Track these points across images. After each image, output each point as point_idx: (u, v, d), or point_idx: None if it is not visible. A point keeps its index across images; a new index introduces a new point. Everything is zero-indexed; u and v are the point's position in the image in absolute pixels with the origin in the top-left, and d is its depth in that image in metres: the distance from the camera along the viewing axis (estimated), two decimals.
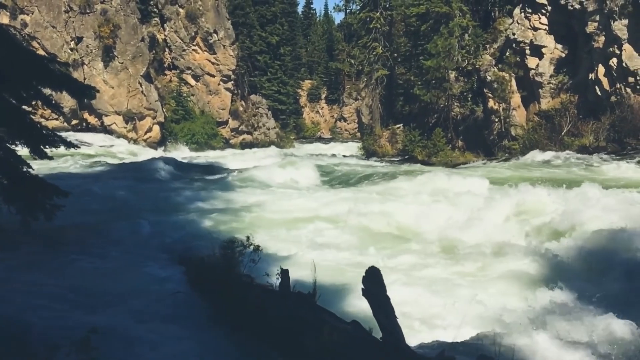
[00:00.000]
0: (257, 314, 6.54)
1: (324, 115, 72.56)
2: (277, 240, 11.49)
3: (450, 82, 34.00)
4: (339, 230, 12.62)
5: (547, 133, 29.59)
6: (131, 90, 38.87)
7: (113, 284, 8.11)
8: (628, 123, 26.65)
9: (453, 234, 11.90)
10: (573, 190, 13.55)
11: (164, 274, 8.89)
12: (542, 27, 31.93)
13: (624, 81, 27.69)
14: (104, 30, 38.03)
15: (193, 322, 6.97)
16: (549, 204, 12.87)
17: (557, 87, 30.98)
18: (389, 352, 5.36)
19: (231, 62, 45.30)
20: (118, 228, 12.08)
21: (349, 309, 7.76)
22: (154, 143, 39.46)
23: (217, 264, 7.62)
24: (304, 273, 7.65)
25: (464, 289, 8.76)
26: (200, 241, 10.57)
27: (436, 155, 32.47)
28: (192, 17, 43.92)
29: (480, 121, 34.10)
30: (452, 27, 33.32)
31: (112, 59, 38.73)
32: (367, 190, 17.81)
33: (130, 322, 6.56)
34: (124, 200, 15.54)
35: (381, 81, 41.93)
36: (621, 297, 7.99)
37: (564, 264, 9.89)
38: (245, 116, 48.38)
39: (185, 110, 43.24)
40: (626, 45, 27.50)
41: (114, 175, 21.12)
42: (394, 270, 9.72)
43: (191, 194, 17.19)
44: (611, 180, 17.40)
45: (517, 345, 5.97)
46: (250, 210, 14.66)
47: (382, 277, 5.48)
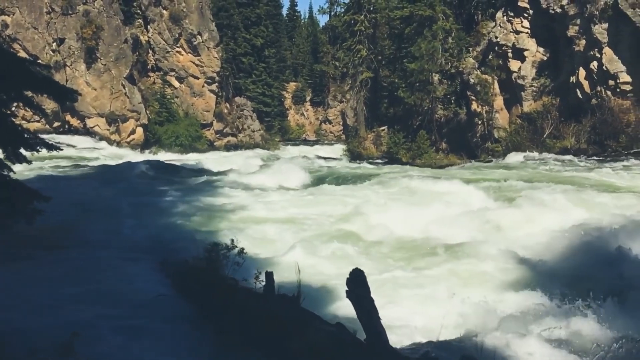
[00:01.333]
0: (241, 316, 6.54)
1: (309, 117, 72.60)
2: (262, 242, 11.48)
3: (434, 84, 34.24)
4: (324, 233, 12.63)
5: (529, 135, 29.95)
6: (114, 92, 38.56)
7: (94, 287, 8.04)
8: (608, 125, 27.06)
9: (429, 235, 11.99)
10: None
11: (147, 276, 8.83)
12: (524, 31, 32.31)
13: (605, 84, 28.11)
14: (87, 32, 37.69)
15: (177, 324, 6.93)
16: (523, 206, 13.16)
17: (539, 90, 31.36)
18: (373, 353, 5.39)
19: (215, 64, 45.13)
20: (100, 230, 11.97)
21: (334, 311, 7.79)
22: (137, 145, 39.15)
23: (202, 267, 7.60)
24: (289, 275, 7.67)
25: (444, 290, 8.82)
26: (184, 244, 10.53)
27: (420, 157, 32.66)
28: (175, 19, 43.69)
29: (464, 123, 34.38)
30: (436, 30, 33.57)
31: (94, 61, 38.39)
32: (352, 192, 17.86)
33: (113, 325, 6.51)
34: (106, 203, 15.40)
35: (366, 83, 42.06)
36: (599, 296, 8.10)
37: (543, 264, 10.03)
38: (229, 118, 48.21)
39: (169, 112, 42.96)
40: (606, 49, 27.93)
41: (96, 177, 20.93)
42: (376, 272, 9.76)
43: (175, 196, 17.09)
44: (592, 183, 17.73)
45: (498, 344, 6.04)
46: (234, 213, 14.62)
47: (366, 279, 5.52)
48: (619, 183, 17.82)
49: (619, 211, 12.55)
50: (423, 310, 8.01)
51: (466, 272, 10.01)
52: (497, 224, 12.47)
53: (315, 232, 12.73)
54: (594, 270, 9.38)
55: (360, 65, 41.64)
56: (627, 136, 26.50)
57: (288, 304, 6.57)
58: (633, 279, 8.92)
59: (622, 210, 12.70)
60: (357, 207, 14.68)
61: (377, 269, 10.10)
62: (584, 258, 9.96)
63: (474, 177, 20.18)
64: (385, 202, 15.48)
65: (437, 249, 11.28)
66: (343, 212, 14.19)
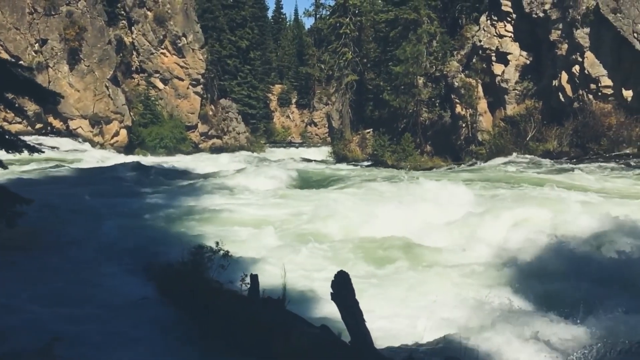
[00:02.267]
0: (226, 319, 6.52)
1: (295, 119, 72.60)
2: (247, 245, 11.44)
3: (419, 87, 34.44)
4: (309, 235, 12.62)
5: (513, 138, 30.24)
6: (97, 94, 38.22)
7: (77, 290, 7.97)
8: (590, 129, 27.44)
9: (411, 238, 12.05)
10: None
11: (131, 280, 8.76)
12: (507, 35, 32.65)
13: (586, 88, 28.50)
14: (70, 33, 37.33)
15: (161, 328, 6.89)
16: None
17: (522, 93, 31.69)
18: (357, 355, 5.40)
19: (200, 66, 44.96)
20: (82, 234, 11.84)
21: (319, 313, 7.79)
22: (121, 147, 38.85)
23: (186, 270, 7.56)
24: (274, 278, 7.66)
25: (428, 291, 8.87)
26: (168, 247, 10.45)
27: (405, 159, 32.80)
28: (160, 20, 43.46)
29: (448, 126, 34.62)
30: (421, 34, 33.80)
31: (77, 62, 38.03)
32: (336, 193, 17.88)
33: (96, 328, 6.45)
34: (89, 206, 15.24)
35: (351, 86, 42.17)
36: (579, 297, 8.21)
37: (523, 265, 10.14)
38: (214, 120, 48.05)
39: (153, 114, 42.68)
40: (588, 53, 28.33)
41: (79, 180, 20.73)
42: (360, 274, 9.79)
43: (159, 198, 16.98)
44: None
45: (481, 346, 6.09)
46: (219, 215, 14.56)
47: (351, 281, 5.53)
48: (588, 185, 18.22)
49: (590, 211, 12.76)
50: (406, 312, 8.04)
51: (449, 274, 10.08)
52: (475, 226, 12.58)
53: (301, 234, 12.71)
54: (576, 272, 9.50)
55: (346, 68, 41.74)
56: (609, 139, 26.89)
57: (273, 307, 6.55)
58: (613, 280, 9.05)
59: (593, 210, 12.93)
60: (342, 208, 14.70)
61: (362, 270, 10.12)
62: (565, 260, 10.08)
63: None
64: (371, 203, 15.54)
65: (420, 251, 11.34)
66: (328, 213, 14.19)
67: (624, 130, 26.78)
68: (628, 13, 26.86)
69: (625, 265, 9.48)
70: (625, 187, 18.30)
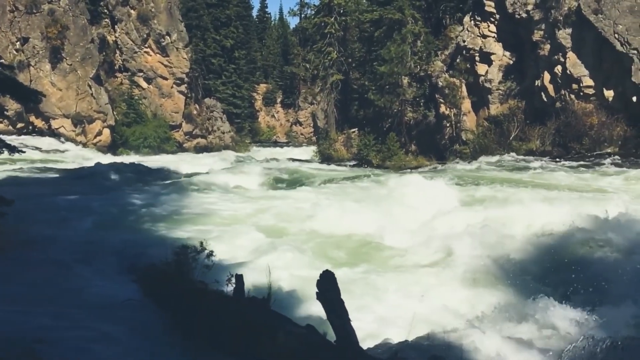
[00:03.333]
0: (211, 320, 6.48)
1: (280, 119, 72.49)
2: (232, 245, 11.40)
3: (403, 87, 34.57)
4: (294, 235, 12.62)
5: (496, 137, 30.49)
6: (80, 93, 37.80)
7: (60, 292, 7.86)
8: (572, 128, 27.76)
9: (396, 235, 12.11)
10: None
11: (114, 281, 8.68)
12: (491, 35, 32.90)
13: (568, 88, 28.83)
14: (52, 31, 36.88)
15: (145, 330, 6.83)
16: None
17: (506, 93, 31.96)
18: (343, 354, 5.41)
19: (184, 65, 44.69)
20: (65, 235, 11.69)
21: (304, 312, 7.79)
22: (104, 147, 38.47)
23: (170, 271, 7.50)
24: (259, 278, 7.64)
25: (412, 289, 8.92)
26: (151, 247, 10.36)
27: (390, 159, 32.90)
28: (144, 19, 43.11)
29: (433, 126, 34.80)
30: (405, 34, 33.92)
31: (60, 61, 37.58)
32: (321, 193, 17.90)
33: (79, 330, 6.38)
34: (71, 206, 15.07)
35: (336, 86, 42.21)
36: (564, 294, 8.31)
37: (509, 262, 10.23)
38: (199, 120, 47.79)
39: (136, 113, 42.34)
40: (570, 53, 28.65)
41: (61, 180, 20.51)
42: (346, 272, 9.81)
43: (142, 199, 16.84)
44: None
45: (467, 344, 6.13)
46: (203, 215, 14.49)
47: (336, 280, 5.54)
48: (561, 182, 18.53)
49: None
50: (391, 311, 8.07)
51: (433, 271, 10.14)
52: (455, 223, 12.69)
53: (286, 233, 12.71)
54: (560, 269, 9.61)
55: (331, 68, 41.78)
56: (590, 139, 27.23)
57: (258, 307, 6.53)
58: (598, 276, 9.15)
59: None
60: (326, 207, 14.73)
61: (347, 270, 10.14)
62: (549, 256, 10.19)
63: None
64: (355, 203, 15.58)
65: (404, 250, 11.40)
66: (313, 213, 14.20)
67: (605, 129, 27.13)
68: (609, 14, 27.21)
69: (605, 261, 9.60)
70: (600, 184, 18.65)
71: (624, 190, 16.68)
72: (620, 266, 9.32)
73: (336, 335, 5.47)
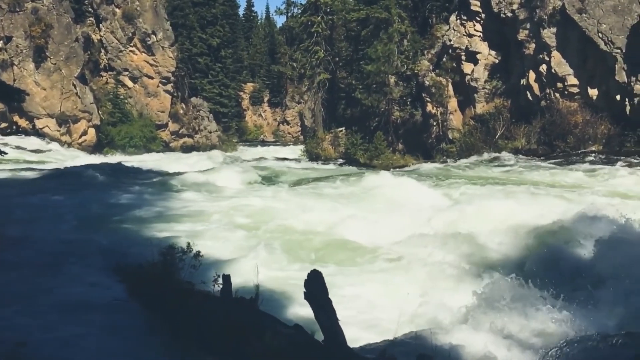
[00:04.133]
0: (198, 320, 6.43)
1: (267, 118, 72.36)
2: (219, 245, 11.34)
3: (390, 86, 34.66)
4: (281, 234, 12.59)
5: (482, 136, 30.69)
6: (65, 92, 37.43)
7: (43, 293, 7.75)
8: (557, 126, 28.03)
9: (382, 234, 12.14)
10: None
11: (99, 282, 8.57)
12: (476, 34, 33.10)
13: (553, 86, 29.10)
14: (35, 30, 36.48)
15: (131, 331, 6.76)
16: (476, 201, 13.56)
17: (491, 92, 32.18)
18: (331, 354, 5.39)
19: (170, 64, 44.44)
20: (49, 235, 11.54)
21: (292, 312, 7.77)
22: (89, 147, 38.14)
23: (156, 271, 7.44)
24: (246, 278, 7.59)
25: (399, 287, 8.93)
26: (138, 248, 10.27)
27: (377, 158, 32.99)
28: (129, 18, 42.79)
29: (419, 125, 34.93)
30: (392, 33, 33.99)
31: (44, 60, 37.18)
32: (309, 193, 17.89)
33: (62, 333, 6.29)
34: (56, 207, 14.88)
35: (323, 85, 42.19)
36: (553, 290, 8.35)
37: (497, 259, 10.29)
38: (185, 119, 47.55)
39: (122, 112, 42.02)
40: (555, 53, 28.92)
41: (45, 181, 20.26)
42: (334, 271, 9.80)
43: (128, 199, 16.70)
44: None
45: (453, 341, 6.15)
46: (190, 215, 14.41)
47: (324, 280, 5.52)
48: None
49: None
50: (378, 310, 8.08)
51: (423, 268, 10.16)
52: (444, 221, 12.76)
53: (273, 232, 12.67)
54: (548, 265, 9.66)
55: (318, 67, 41.74)
56: (575, 137, 27.51)
57: (246, 307, 6.50)
58: (588, 273, 9.22)
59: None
60: (313, 207, 14.72)
61: (334, 269, 10.13)
62: (538, 253, 10.25)
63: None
64: (342, 202, 15.59)
65: (388, 248, 11.42)
66: (299, 212, 14.19)
67: (589, 128, 27.43)
68: (593, 13, 27.50)
69: (589, 258, 9.68)
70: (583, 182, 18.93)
71: (600, 188, 16.91)
72: (597, 263, 9.40)
73: (324, 335, 5.45)
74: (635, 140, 26.20)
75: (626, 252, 9.32)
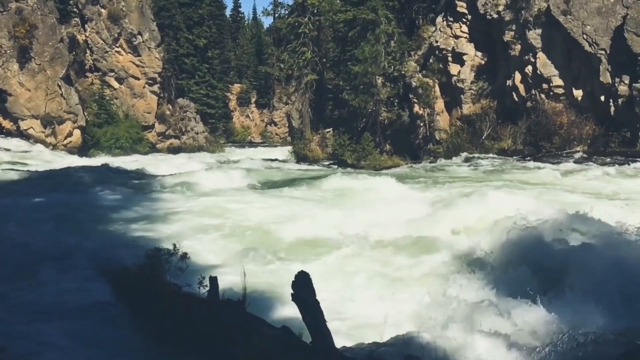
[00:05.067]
0: (185, 323, 6.39)
1: (254, 119, 72.16)
2: (205, 247, 11.27)
3: (378, 87, 34.71)
4: (269, 235, 12.54)
5: (469, 137, 30.84)
6: (49, 93, 37.00)
7: (27, 297, 7.65)
8: (543, 127, 28.24)
9: (371, 233, 12.15)
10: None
11: (84, 285, 8.47)
12: (463, 35, 33.27)
13: (539, 87, 29.33)
14: (19, 30, 36.02)
15: (117, 334, 6.71)
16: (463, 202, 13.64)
17: (478, 93, 32.35)
18: (318, 355, 5.38)
19: (157, 65, 44.14)
20: (33, 238, 11.38)
21: (280, 314, 7.74)
22: (74, 148, 37.73)
23: (143, 273, 7.38)
24: (234, 280, 7.56)
25: (386, 288, 8.93)
26: (124, 250, 10.18)
27: (365, 159, 33.04)
28: (115, 18, 42.45)
29: (407, 125, 35.03)
30: (379, 34, 34.05)
31: (28, 60, 36.72)
32: (296, 195, 17.85)
33: (46, 337, 6.22)
34: (40, 209, 14.67)
35: (311, 86, 42.16)
36: (540, 289, 8.40)
37: (483, 258, 10.32)
38: (172, 120, 47.25)
39: (108, 114, 41.65)
40: (540, 54, 29.15)
41: (29, 183, 20.00)
42: (321, 273, 9.78)
43: (114, 201, 16.54)
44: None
45: (442, 342, 6.16)
46: (176, 217, 14.29)
47: (312, 281, 5.50)
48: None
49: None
50: (365, 310, 8.07)
51: (410, 269, 10.18)
52: (430, 220, 12.83)
53: (260, 234, 12.63)
54: (536, 263, 9.70)
55: (305, 68, 41.71)
56: (560, 137, 27.74)
57: (233, 309, 6.47)
58: (576, 271, 9.27)
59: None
60: (301, 209, 14.69)
61: (320, 270, 10.11)
62: (525, 251, 10.29)
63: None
64: (330, 203, 15.59)
65: (377, 246, 11.44)
66: (286, 214, 14.15)
67: (574, 128, 27.66)
68: (578, 15, 27.76)
69: (577, 254, 9.73)
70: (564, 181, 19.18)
71: (581, 188, 17.11)
72: (583, 261, 9.47)
73: (312, 337, 5.44)
74: (620, 140, 26.49)
75: (605, 250, 9.42)
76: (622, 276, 8.65)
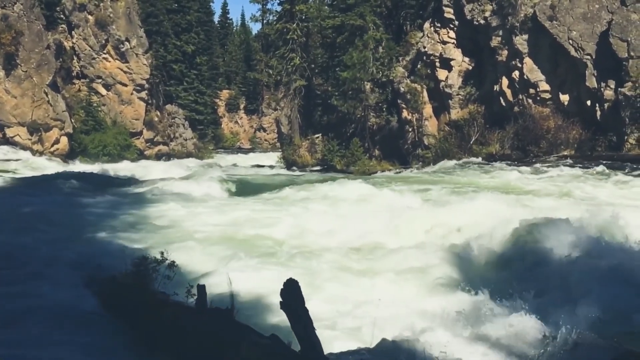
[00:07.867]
0: (173, 332, 6.33)
1: (243, 125, 72.06)
2: (193, 255, 11.19)
3: (366, 93, 34.82)
4: (256, 243, 12.49)
5: (457, 142, 30.99)
6: (36, 100, 36.71)
7: (13, 307, 7.53)
8: (530, 132, 28.46)
9: (363, 239, 12.16)
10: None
11: (71, 294, 8.35)
12: (450, 41, 33.47)
13: (526, 92, 29.57)
14: (5, 37, 35.74)
15: (105, 344, 6.62)
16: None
17: (466, 98, 32.55)
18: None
19: (144, 71, 43.97)
20: (19, 246, 11.22)
21: (269, 322, 7.69)
22: (62, 155, 37.42)
23: (130, 282, 7.31)
24: (222, 288, 7.51)
25: (375, 293, 8.91)
26: (111, 259, 10.06)
27: (354, 164, 33.09)
28: (102, 25, 42.26)
29: (395, 131, 35.15)
30: (367, 40, 34.18)
31: (14, 67, 36.43)
32: (284, 201, 17.81)
33: (34, 349, 6.13)
34: (26, 217, 14.48)
35: (299, 91, 42.20)
36: (529, 294, 8.42)
37: (474, 264, 10.34)
38: (160, 126, 47.05)
39: (95, 120, 41.37)
40: (527, 59, 29.41)
41: (15, 190, 19.81)
42: (309, 280, 9.75)
43: (101, 208, 16.40)
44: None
45: (432, 347, 6.14)
46: (164, 225, 14.20)
47: (300, 289, 5.47)
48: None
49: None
50: (354, 315, 8.04)
51: (399, 273, 10.17)
52: (418, 224, 12.87)
53: (247, 241, 12.58)
54: (527, 268, 9.73)
55: (294, 74, 41.74)
56: (547, 142, 27.96)
57: (221, 318, 6.41)
58: (554, 276, 9.31)
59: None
60: (288, 215, 14.67)
61: (310, 276, 10.08)
62: (515, 255, 10.33)
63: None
64: (319, 208, 15.56)
65: (366, 252, 11.43)
66: (273, 221, 14.12)
67: (561, 133, 27.90)
68: (564, 20, 28.05)
69: (560, 260, 9.79)
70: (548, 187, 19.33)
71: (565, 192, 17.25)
72: (569, 266, 9.53)
73: (300, 345, 5.40)
74: (606, 144, 26.74)
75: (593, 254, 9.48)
76: (611, 281, 8.70)
